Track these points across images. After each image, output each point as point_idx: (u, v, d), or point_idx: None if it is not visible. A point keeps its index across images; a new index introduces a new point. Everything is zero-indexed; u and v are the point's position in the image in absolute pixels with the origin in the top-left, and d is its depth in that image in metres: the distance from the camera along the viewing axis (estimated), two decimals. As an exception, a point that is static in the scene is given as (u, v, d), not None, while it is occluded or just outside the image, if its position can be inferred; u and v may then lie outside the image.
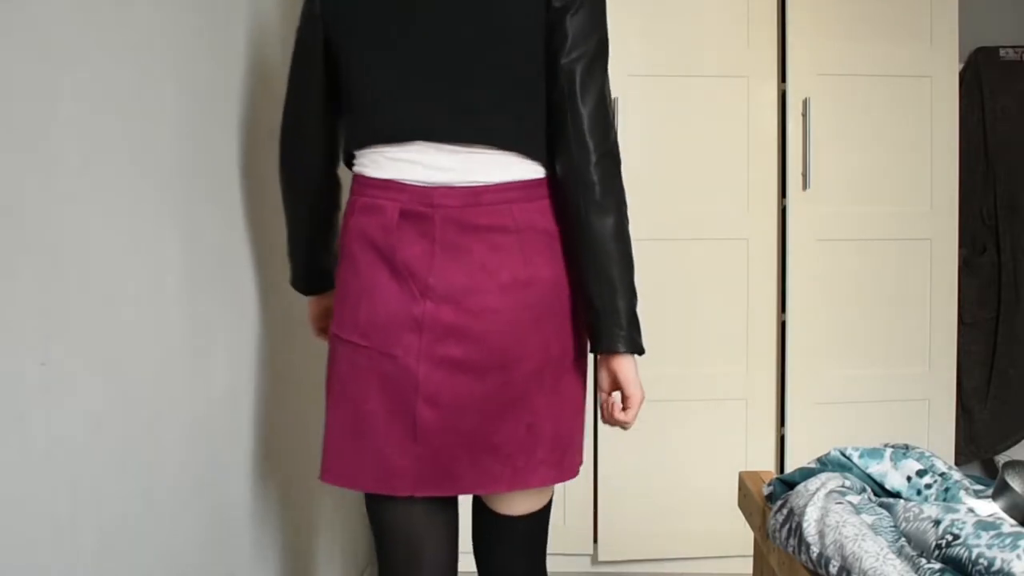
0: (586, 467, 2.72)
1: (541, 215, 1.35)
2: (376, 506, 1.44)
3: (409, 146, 1.33)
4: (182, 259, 1.37)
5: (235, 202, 1.60)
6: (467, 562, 1.73)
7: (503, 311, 1.31)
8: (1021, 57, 3.28)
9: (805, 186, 2.69)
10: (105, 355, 1.14)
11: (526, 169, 1.35)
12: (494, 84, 1.32)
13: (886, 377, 2.77)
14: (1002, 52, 3.28)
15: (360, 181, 1.39)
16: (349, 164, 1.45)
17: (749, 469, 2.28)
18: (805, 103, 2.67)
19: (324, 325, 1.62)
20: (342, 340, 1.38)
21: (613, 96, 2.58)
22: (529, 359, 1.33)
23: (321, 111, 1.44)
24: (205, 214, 1.46)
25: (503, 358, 1.31)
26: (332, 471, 1.40)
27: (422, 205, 1.32)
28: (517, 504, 1.44)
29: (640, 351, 1.38)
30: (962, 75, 3.10)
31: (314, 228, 1.52)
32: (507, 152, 1.33)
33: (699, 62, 2.71)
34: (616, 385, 1.39)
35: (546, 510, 1.49)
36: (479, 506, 1.50)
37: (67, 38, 1.05)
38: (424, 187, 1.32)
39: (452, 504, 1.48)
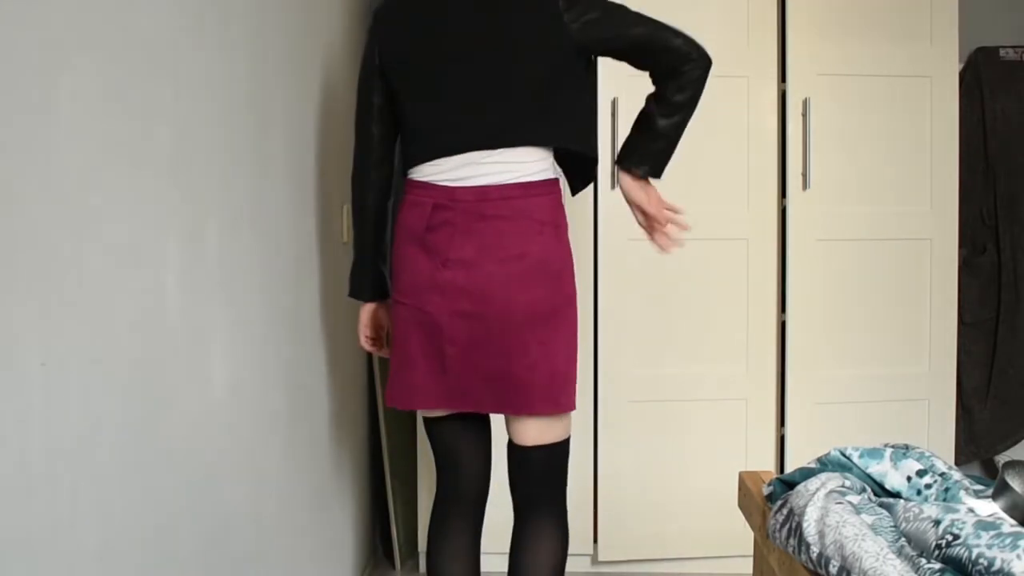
0: (586, 467, 2.72)
1: (537, 209, 1.76)
2: (429, 426, 1.91)
3: (444, 159, 1.76)
4: (182, 259, 1.37)
5: (235, 202, 1.60)
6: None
7: (499, 275, 1.73)
8: (1021, 57, 3.28)
9: (805, 186, 2.69)
10: (105, 355, 1.14)
11: (529, 173, 1.76)
12: (503, 112, 1.75)
13: (886, 377, 2.77)
14: (1002, 52, 3.28)
15: (409, 183, 1.84)
16: (403, 173, 1.87)
17: (749, 469, 2.28)
18: (805, 103, 2.67)
19: (369, 334, 2.01)
20: (396, 301, 1.84)
21: (613, 96, 2.61)
22: (518, 312, 1.73)
23: (389, 149, 1.91)
24: (205, 214, 1.46)
25: (499, 309, 1.73)
26: (391, 397, 1.87)
27: (447, 200, 1.75)
28: (531, 435, 1.80)
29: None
30: (962, 75, 3.10)
31: (379, 241, 1.94)
32: (513, 160, 1.75)
33: (699, 62, 2.70)
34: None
35: (558, 448, 1.84)
36: (509, 445, 1.86)
37: (67, 37, 1.05)
38: (449, 187, 1.76)
39: (484, 426, 1.91)
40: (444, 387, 1.78)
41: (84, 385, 1.09)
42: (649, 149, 1.84)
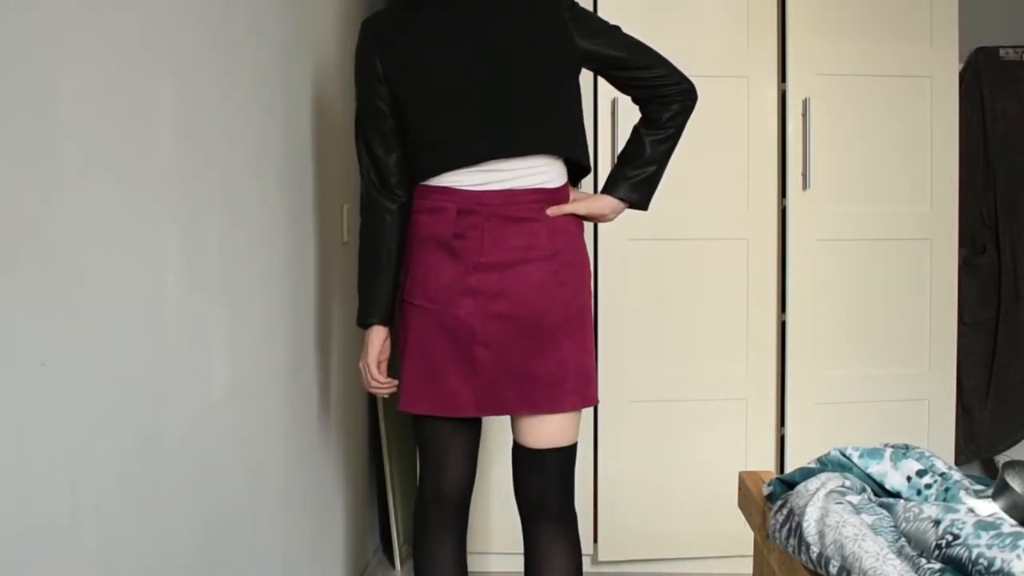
0: (586, 467, 2.72)
1: None
2: (420, 425, 1.88)
3: (464, 168, 1.75)
4: (182, 259, 1.37)
5: (235, 202, 1.60)
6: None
7: (533, 276, 1.75)
8: (1021, 57, 3.28)
9: (805, 186, 2.69)
10: (105, 355, 1.14)
11: (549, 179, 1.79)
12: (524, 119, 1.76)
13: (886, 377, 2.77)
14: (1002, 52, 3.28)
15: (424, 188, 1.80)
16: (413, 181, 1.83)
17: (749, 469, 2.28)
18: (805, 103, 2.67)
19: (383, 359, 1.88)
20: (414, 305, 1.80)
21: (612, 97, 2.61)
22: (554, 311, 1.76)
23: (400, 162, 1.82)
24: (205, 214, 1.46)
25: (535, 310, 1.75)
26: (407, 402, 1.81)
27: (473, 204, 1.75)
28: (547, 437, 1.80)
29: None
30: (962, 75, 3.10)
31: (394, 266, 1.85)
32: (534, 166, 1.77)
33: (699, 62, 2.69)
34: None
35: (571, 450, 1.84)
36: (518, 449, 1.84)
37: (67, 37, 1.05)
38: (474, 191, 1.75)
39: (476, 427, 1.90)
40: (475, 392, 1.76)
41: (84, 385, 1.09)
42: (639, 177, 1.86)
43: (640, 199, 1.88)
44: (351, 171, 2.49)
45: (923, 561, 1.18)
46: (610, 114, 2.63)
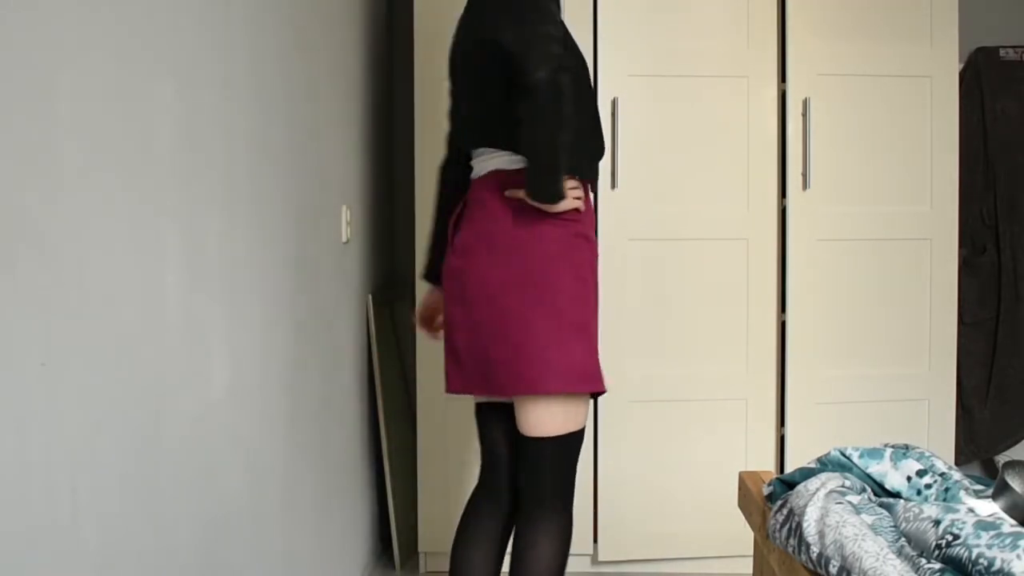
0: (586, 467, 2.72)
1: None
2: (477, 415, 2.00)
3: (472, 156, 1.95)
4: (182, 259, 1.37)
5: (235, 202, 1.60)
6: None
7: (476, 254, 1.83)
8: (1021, 57, 3.28)
9: (805, 186, 2.69)
10: (105, 355, 1.14)
11: (509, 162, 1.85)
12: (482, 113, 1.89)
13: (886, 377, 2.77)
14: (1002, 52, 3.28)
15: None
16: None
17: (749, 469, 2.29)
18: (805, 103, 2.67)
19: (424, 315, 2.16)
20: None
21: (613, 96, 2.61)
22: (489, 289, 1.80)
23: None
24: (205, 214, 1.46)
25: (473, 290, 1.83)
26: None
27: (469, 194, 1.92)
28: (533, 424, 1.82)
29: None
30: (962, 75, 3.10)
31: (440, 225, 2.05)
32: (496, 153, 1.87)
33: (699, 62, 2.71)
34: None
35: (561, 441, 1.83)
36: (517, 435, 1.89)
37: (67, 37, 1.05)
38: (473, 180, 1.92)
39: (512, 417, 1.91)
40: (460, 373, 1.89)
41: (84, 385, 1.09)
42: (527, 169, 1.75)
43: (530, 192, 1.76)
44: (351, 171, 2.49)
45: (923, 561, 1.18)
46: (610, 114, 2.63)
